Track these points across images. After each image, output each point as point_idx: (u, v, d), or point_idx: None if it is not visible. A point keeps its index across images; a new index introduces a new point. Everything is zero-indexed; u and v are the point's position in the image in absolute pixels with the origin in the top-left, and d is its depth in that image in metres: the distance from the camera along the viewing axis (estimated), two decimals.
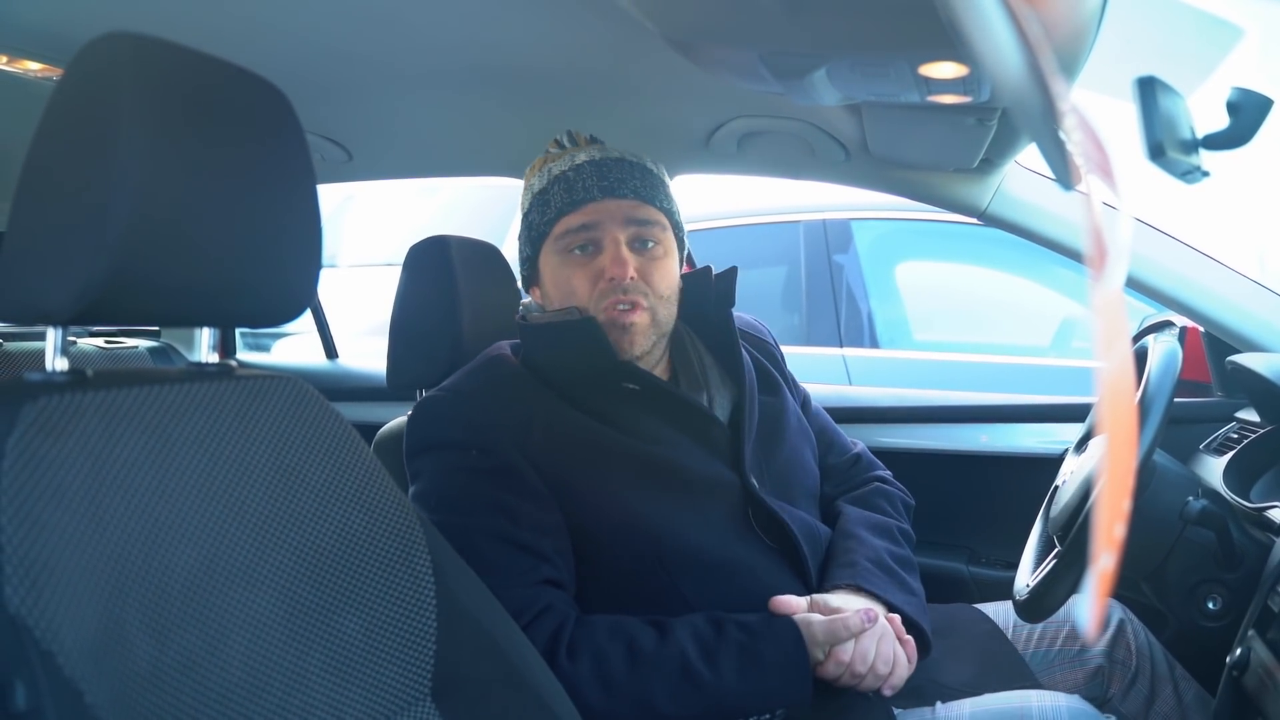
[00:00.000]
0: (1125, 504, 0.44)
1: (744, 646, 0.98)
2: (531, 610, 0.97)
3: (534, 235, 1.16)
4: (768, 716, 0.98)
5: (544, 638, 0.96)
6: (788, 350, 1.41)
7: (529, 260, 1.19)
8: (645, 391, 1.11)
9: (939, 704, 1.08)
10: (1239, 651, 1.02)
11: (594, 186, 1.12)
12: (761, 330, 1.37)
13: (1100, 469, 0.42)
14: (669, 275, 1.15)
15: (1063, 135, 0.49)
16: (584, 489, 1.05)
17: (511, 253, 1.29)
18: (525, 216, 1.18)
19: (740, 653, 0.98)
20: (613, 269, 1.09)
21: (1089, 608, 0.43)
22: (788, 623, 1.01)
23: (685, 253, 1.22)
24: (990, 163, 1.41)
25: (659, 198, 1.15)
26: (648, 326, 1.12)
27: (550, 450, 1.05)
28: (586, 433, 1.08)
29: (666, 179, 1.20)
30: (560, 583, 1.02)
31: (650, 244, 1.13)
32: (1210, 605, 1.18)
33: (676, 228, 1.18)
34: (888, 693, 1.02)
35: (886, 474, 1.36)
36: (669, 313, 1.15)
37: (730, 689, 0.96)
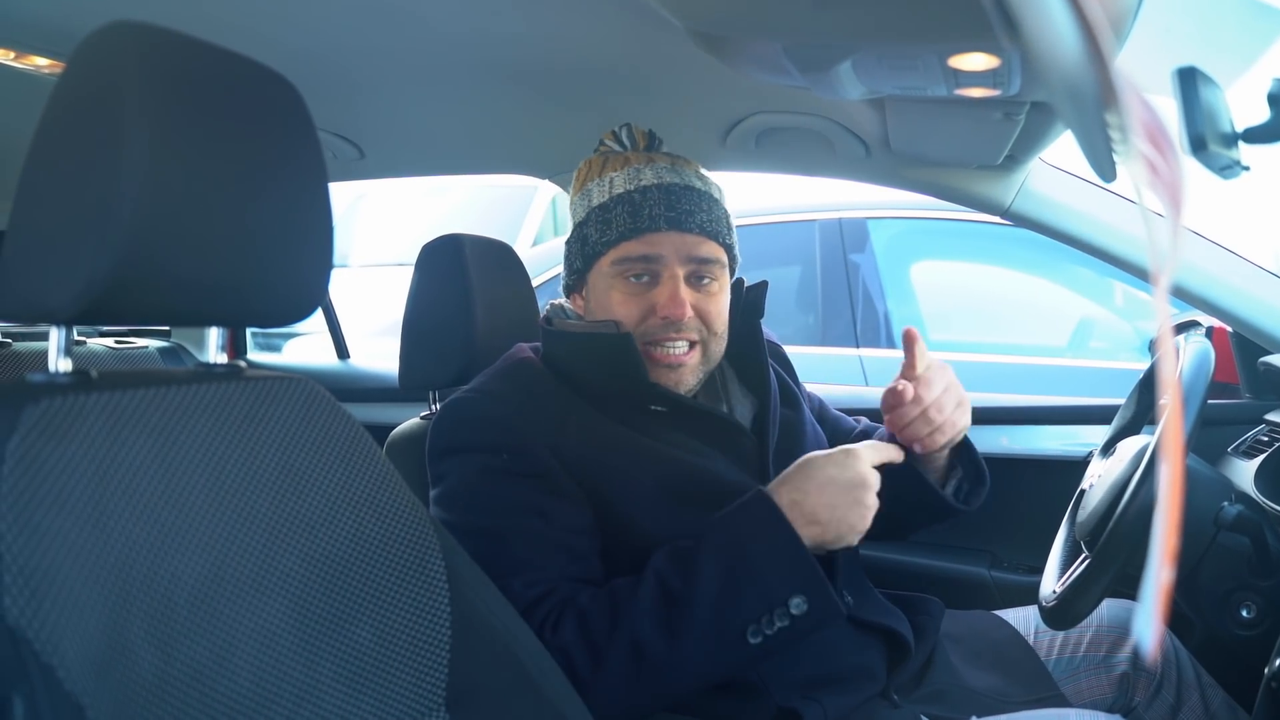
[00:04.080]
0: (1179, 516, 0.41)
1: (719, 546, 0.93)
2: (548, 601, 0.95)
3: (589, 251, 1.11)
4: (788, 623, 0.90)
5: (536, 622, 0.92)
6: (803, 350, 1.39)
7: (578, 272, 1.14)
8: (672, 411, 1.09)
9: (974, 718, 1.05)
10: (1278, 663, 0.99)
11: (660, 216, 1.07)
12: (774, 337, 1.34)
13: (1162, 485, 0.40)
14: (723, 310, 1.12)
15: (1114, 124, 0.47)
16: (616, 495, 1.02)
17: (524, 252, 1.27)
18: (580, 226, 1.13)
19: (717, 551, 0.92)
20: (669, 308, 1.06)
21: (1150, 627, 0.40)
22: (759, 496, 0.95)
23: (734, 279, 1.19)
24: (1014, 159, 1.39)
25: (722, 232, 1.11)
26: (697, 365, 1.10)
27: (583, 455, 1.03)
28: (619, 440, 1.06)
29: (728, 205, 1.15)
30: (592, 582, 1.00)
31: (707, 280, 1.10)
32: (1244, 613, 1.15)
33: (733, 260, 1.15)
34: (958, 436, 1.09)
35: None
36: (719, 348, 1.13)
37: (714, 594, 0.90)
